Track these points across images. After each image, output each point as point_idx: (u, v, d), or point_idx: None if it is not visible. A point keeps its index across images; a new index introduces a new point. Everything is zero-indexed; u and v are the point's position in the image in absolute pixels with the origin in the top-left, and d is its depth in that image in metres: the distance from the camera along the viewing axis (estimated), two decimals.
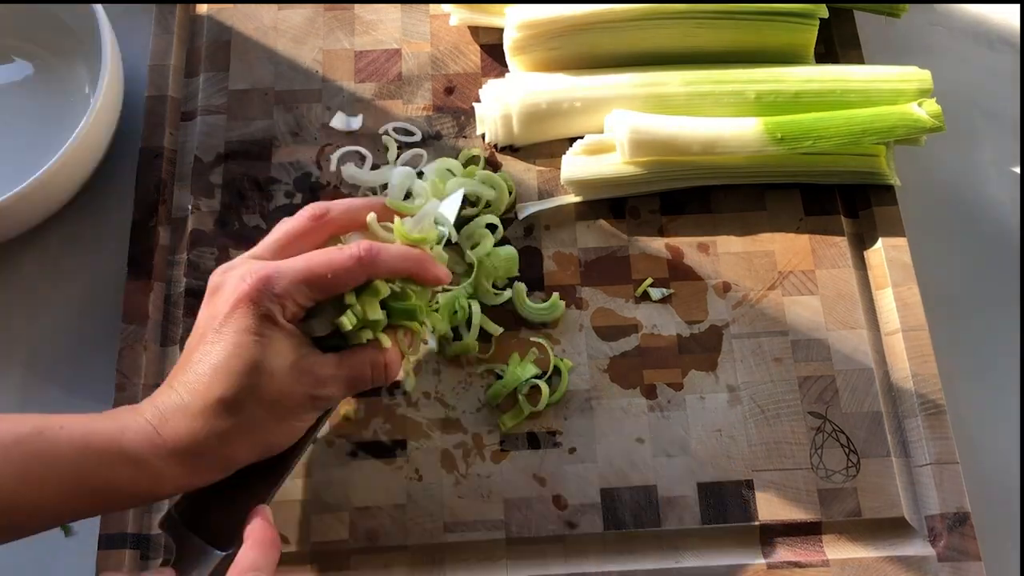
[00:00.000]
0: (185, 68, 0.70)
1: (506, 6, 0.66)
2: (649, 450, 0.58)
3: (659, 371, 0.60)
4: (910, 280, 0.62)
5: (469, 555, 0.56)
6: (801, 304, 0.62)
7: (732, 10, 0.63)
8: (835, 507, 0.57)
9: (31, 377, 0.63)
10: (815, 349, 0.61)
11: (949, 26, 0.76)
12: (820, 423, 0.59)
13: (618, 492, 0.57)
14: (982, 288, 0.67)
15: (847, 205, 0.66)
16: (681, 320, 0.62)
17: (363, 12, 0.71)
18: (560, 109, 0.64)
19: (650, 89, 0.63)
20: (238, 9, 0.71)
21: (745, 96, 0.63)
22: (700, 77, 0.64)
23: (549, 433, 0.59)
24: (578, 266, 0.63)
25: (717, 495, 0.57)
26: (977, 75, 0.74)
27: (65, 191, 0.65)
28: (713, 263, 0.63)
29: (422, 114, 0.68)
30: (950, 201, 0.70)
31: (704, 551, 0.56)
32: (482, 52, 0.70)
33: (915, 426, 0.59)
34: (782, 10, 0.64)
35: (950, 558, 0.56)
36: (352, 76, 0.69)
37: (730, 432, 0.59)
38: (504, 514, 0.57)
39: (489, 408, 0.59)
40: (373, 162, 0.66)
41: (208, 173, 0.66)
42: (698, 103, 0.63)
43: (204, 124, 0.67)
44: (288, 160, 0.66)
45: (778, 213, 0.65)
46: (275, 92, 0.68)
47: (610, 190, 0.64)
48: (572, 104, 0.64)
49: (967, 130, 0.72)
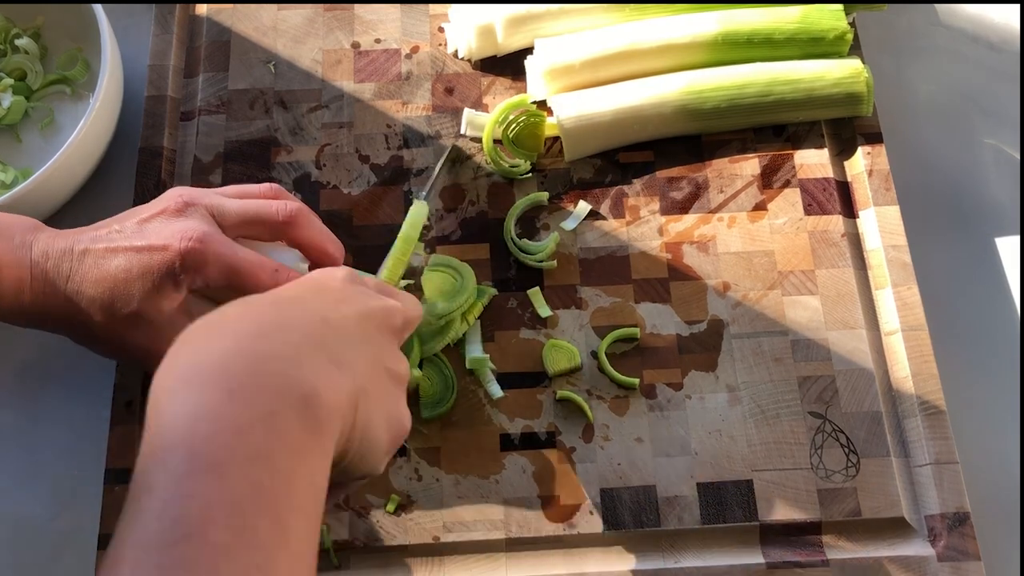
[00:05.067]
0: (185, 68, 0.70)
1: (516, 38, 0.68)
2: (649, 450, 0.58)
3: (659, 371, 0.60)
4: (910, 280, 0.62)
5: (469, 555, 0.56)
6: (801, 304, 0.62)
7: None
8: (835, 507, 0.57)
9: (31, 377, 0.63)
10: (815, 349, 0.61)
11: (949, 26, 0.76)
12: (820, 423, 0.59)
13: (618, 492, 0.57)
14: (982, 288, 0.67)
15: (847, 205, 0.66)
16: (681, 320, 0.62)
17: (363, 12, 0.71)
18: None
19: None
20: (238, 9, 0.71)
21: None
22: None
23: (549, 433, 0.59)
24: (578, 266, 0.63)
25: (717, 495, 0.57)
26: (977, 75, 0.74)
27: (65, 191, 0.65)
28: (713, 263, 0.63)
29: (422, 114, 0.68)
30: (950, 201, 0.70)
31: (704, 551, 0.56)
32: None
33: (915, 426, 0.59)
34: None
35: (950, 558, 0.56)
36: (352, 76, 0.69)
37: (730, 432, 0.59)
38: (504, 514, 0.57)
39: (490, 405, 0.59)
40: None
41: (208, 173, 0.66)
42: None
43: (204, 124, 0.67)
44: (287, 160, 0.66)
45: (778, 213, 0.65)
46: (275, 92, 0.68)
47: (603, 135, 0.65)
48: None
49: (967, 130, 0.72)
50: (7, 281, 0.50)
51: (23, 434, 0.61)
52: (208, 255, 0.50)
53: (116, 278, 0.50)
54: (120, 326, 0.51)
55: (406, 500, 0.57)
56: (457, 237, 0.64)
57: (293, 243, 0.55)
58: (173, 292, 0.51)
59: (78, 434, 0.61)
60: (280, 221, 0.54)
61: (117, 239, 0.51)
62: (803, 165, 0.66)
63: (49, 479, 0.60)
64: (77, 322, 0.52)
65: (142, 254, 0.50)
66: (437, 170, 0.65)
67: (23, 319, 0.53)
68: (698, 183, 0.66)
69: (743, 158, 0.67)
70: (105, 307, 0.51)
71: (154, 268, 0.50)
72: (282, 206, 0.54)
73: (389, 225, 0.64)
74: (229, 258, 0.51)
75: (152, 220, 0.52)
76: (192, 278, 0.50)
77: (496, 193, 0.65)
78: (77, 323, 0.52)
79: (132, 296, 0.50)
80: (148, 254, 0.50)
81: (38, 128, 0.69)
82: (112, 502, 0.56)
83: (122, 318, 0.51)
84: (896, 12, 0.76)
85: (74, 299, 0.51)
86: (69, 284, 0.51)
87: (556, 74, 0.66)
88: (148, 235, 0.51)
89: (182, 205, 0.52)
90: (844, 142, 0.68)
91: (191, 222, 0.51)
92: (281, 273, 0.52)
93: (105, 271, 0.50)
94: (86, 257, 0.51)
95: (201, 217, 0.52)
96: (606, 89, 0.66)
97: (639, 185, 0.66)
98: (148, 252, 0.50)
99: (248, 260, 0.51)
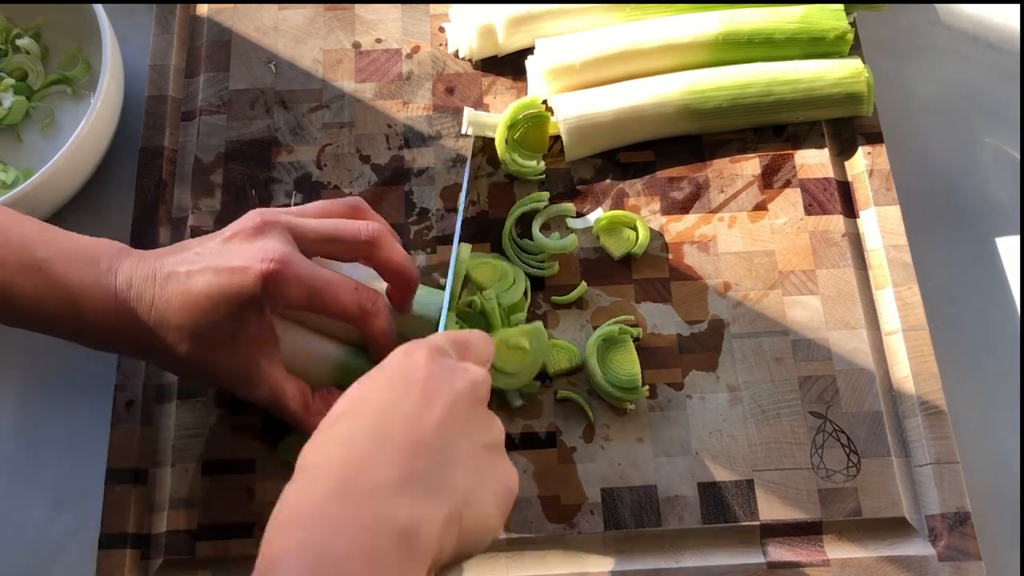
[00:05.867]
0: (185, 68, 0.70)
1: (516, 38, 0.68)
2: (650, 450, 0.58)
3: (659, 371, 0.60)
4: (910, 280, 0.62)
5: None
6: (801, 304, 0.62)
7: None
8: (835, 507, 0.57)
9: (31, 377, 0.63)
10: (815, 349, 0.61)
11: (949, 26, 0.76)
12: (820, 423, 0.59)
13: (619, 492, 0.57)
14: (982, 288, 0.67)
15: (847, 205, 0.66)
16: (681, 320, 0.62)
17: (363, 12, 0.71)
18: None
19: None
20: (238, 9, 0.71)
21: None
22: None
23: (549, 433, 0.59)
24: (578, 266, 0.63)
25: (717, 495, 0.57)
26: (977, 75, 0.74)
27: (65, 191, 0.65)
28: (713, 263, 0.63)
29: (422, 114, 0.68)
30: (950, 201, 0.70)
31: (704, 551, 0.56)
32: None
33: (915, 426, 0.59)
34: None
35: (950, 558, 0.56)
36: (352, 76, 0.69)
37: (730, 432, 0.59)
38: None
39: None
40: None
41: (208, 173, 0.66)
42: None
43: (204, 124, 0.67)
44: (288, 160, 0.66)
45: (778, 213, 0.65)
46: (276, 92, 0.68)
47: (603, 135, 0.65)
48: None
49: (967, 130, 0.72)
50: (93, 308, 0.50)
51: (23, 434, 0.61)
52: (288, 277, 0.49)
53: (199, 304, 0.49)
54: (206, 352, 0.50)
55: None
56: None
57: (372, 264, 0.54)
58: (256, 316, 0.50)
59: (78, 434, 0.61)
60: (362, 241, 0.53)
61: (197, 261, 0.50)
62: (803, 165, 0.66)
63: (49, 479, 0.60)
64: (163, 347, 0.51)
65: (221, 276, 0.49)
66: (468, 167, 0.65)
67: (110, 345, 0.52)
68: (699, 183, 0.66)
69: (744, 158, 0.67)
70: (190, 334, 0.50)
71: (235, 291, 0.49)
72: (364, 226, 0.53)
73: (390, 225, 0.64)
74: (309, 279, 0.50)
75: (231, 241, 0.51)
76: (274, 302, 0.50)
77: (496, 193, 0.65)
78: (162, 349, 0.51)
79: (216, 322, 0.49)
80: (228, 275, 0.49)
81: (39, 128, 0.69)
82: (112, 502, 0.56)
83: (208, 344, 0.50)
84: (896, 12, 0.76)
85: (159, 326, 0.50)
86: (153, 311, 0.50)
87: (557, 74, 0.66)
88: (228, 256, 0.50)
89: (261, 224, 0.51)
90: (844, 142, 0.68)
91: (271, 243, 0.50)
92: (362, 292, 0.52)
93: (188, 297, 0.49)
94: (168, 282, 0.50)
95: (280, 237, 0.51)
96: (607, 89, 0.66)
97: (640, 185, 0.66)
98: (229, 274, 0.49)
99: (329, 281, 0.51)
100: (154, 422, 0.59)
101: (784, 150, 0.67)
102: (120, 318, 0.50)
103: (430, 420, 0.43)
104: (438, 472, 0.42)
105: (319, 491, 0.40)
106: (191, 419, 0.59)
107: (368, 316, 0.52)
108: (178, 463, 0.58)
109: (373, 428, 0.42)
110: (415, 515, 0.40)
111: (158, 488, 0.57)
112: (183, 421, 0.59)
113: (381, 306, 0.53)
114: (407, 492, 0.40)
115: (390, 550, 0.39)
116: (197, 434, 0.58)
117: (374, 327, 0.53)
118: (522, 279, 0.61)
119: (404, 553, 0.39)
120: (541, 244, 0.63)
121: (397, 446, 0.42)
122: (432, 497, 0.41)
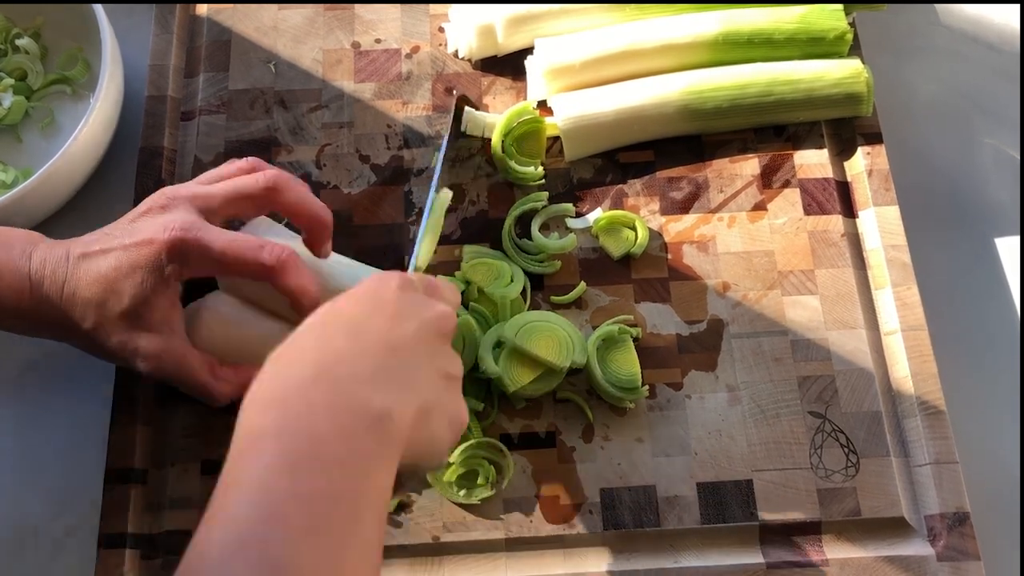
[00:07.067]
0: (185, 68, 0.70)
1: (516, 38, 0.68)
2: (649, 450, 0.58)
3: (658, 371, 0.60)
4: (910, 280, 0.62)
5: (468, 555, 0.56)
6: (801, 304, 0.62)
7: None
8: (835, 507, 0.57)
9: (31, 377, 0.63)
10: (815, 349, 0.61)
11: (949, 26, 0.76)
12: (820, 423, 0.59)
13: (618, 492, 0.57)
14: (982, 288, 0.67)
15: (846, 205, 0.66)
16: (681, 320, 0.62)
17: (363, 12, 0.71)
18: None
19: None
20: (238, 9, 0.71)
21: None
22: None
23: (549, 433, 0.59)
24: (578, 266, 0.63)
25: (717, 495, 0.57)
26: (977, 75, 0.74)
27: (65, 191, 0.65)
28: (713, 263, 0.63)
29: (422, 114, 0.68)
30: (950, 200, 0.70)
31: (704, 551, 0.56)
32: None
33: (915, 426, 0.59)
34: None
35: (950, 558, 0.56)
36: (352, 76, 0.69)
37: (730, 432, 0.59)
38: (504, 514, 0.57)
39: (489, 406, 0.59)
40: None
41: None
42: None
43: (204, 124, 0.67)
44: (288, 160, 0.66)
45: (778, 213, 0.65)
46: (275, 92, 0.68)
47: (603, 135, 0.65)
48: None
49: (967, 130, 0.72)
50: (7, 290, 0.52)
51: (23, 434, 0.61)
52: (190, 242, 0.51)
53: (107, 277, 0.52)
54: (114, 326, 0.52)
55: (406, 499, 0.57)
56: (457, 237, 0.64)
57: (282, 212, 0.56)
58: (162, 286, 0.52)
59: (78, 434, 0.61)
60: (261, 189, 0.55)
61: (108, 241, 0.53)
62: (803, 165, 0.66)
63: (49, 479, 0.60)
64: (73, 325, 0.53)
65: (129, 251, 0.52)
66: (447, 136, 0.65)
67: (24, 327, 0.55)
68: (698, 183, 0.66)
69: (743, 158, 0.67)
70: (98, 307, 0.52)
71: (141, 263, 0.52)
72: (261, 175, 0.55)
73: (389, 225, 0.64)
74: (212, 242, 0.52)
75: (139, 219, 0.54)
76: (179, 269, 0.52)
77: (496, 193, 0.65)
78: (73, 326, 0.53)
79: (123, 293, 0.52)
80: (135, 249, 0.52)
81: (39, 128, 0.69)
82: (112, 502, 0.56)
83: (115, 317, 0.52)
84: (896, 12, 0.76)
85: (69, 302, 0.52)
86: (65, 288, 0.52)
87: (556, 74, 0.66)
88: (135, 233, 0.53)
89: (165, 201, 0.54)
90: (844, 142, 0.68)
91: (174, 215, 0.53)
92: (267, 247, 0.52)
93: (97, 272, 0.52)
94: (81, 261, 0.52)
95: (184, 209, 0.53)
96: (606, 89, 0.66)
97: (639, 185, 0.66)
98: (135, 248, 0.52)
99: (233, 240, 0.52)
100: (154, 422, 0.59)
101: (784, 150, 0.67)
102: (35, 300, 0.52)
103: (400, 333, 0.45)
104: (408, 372, 0.44)
105: (295, 376, 0.41)
106: (191, 419, 0.59)
107: (276, 271, 0.52)
108: (178, 463, 0.58)
109: (347, 332, 0.44)
110: (388, 403, 0.42)
111: (158, 488, 0.57)
112: (183, 421, 0.59)
113: (291, 261, 0.53)
114: (381, 384, 0.42)
115: (365, 432, 0.40)
116: (197, 434, 0.59)
117: (287, 282, 0.52)
118: (520, 278, 0.62)
119: (378, 436, 0.41)
120: (540, 244, 0.63)
121: (370, 346, 0.44)
122: (404, 392, 0.43)
